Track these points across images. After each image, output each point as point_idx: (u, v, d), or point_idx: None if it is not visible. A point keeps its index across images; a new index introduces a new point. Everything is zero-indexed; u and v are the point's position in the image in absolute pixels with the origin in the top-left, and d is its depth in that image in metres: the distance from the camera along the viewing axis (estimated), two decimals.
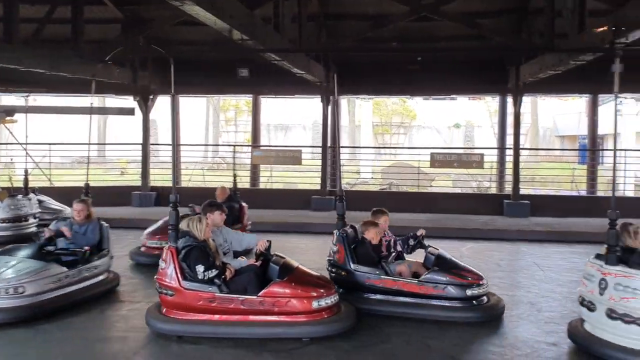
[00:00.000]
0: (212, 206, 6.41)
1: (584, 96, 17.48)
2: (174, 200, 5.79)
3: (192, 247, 5.47)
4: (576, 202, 14.27)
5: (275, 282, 5.46)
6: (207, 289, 5.41)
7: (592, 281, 5.13)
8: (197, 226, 5.60)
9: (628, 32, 7.66)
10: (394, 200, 14.70)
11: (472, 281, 6.01)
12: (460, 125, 36.54)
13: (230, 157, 17.20)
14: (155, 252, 7.69)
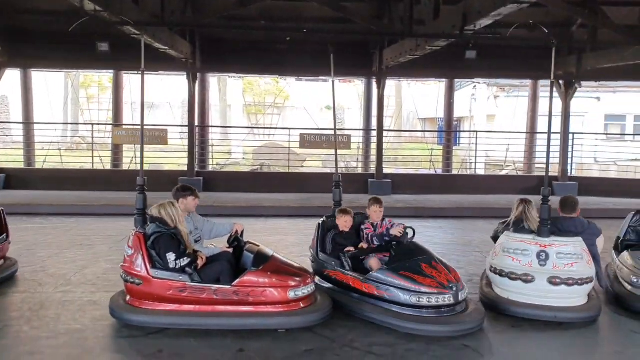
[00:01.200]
0: (186, 191, 5.78)
1: (442, 80, 18.61)
2: (141, 183, 5.48)
3: (162, 234, 5.09)
4: (433, 180, 15.26)
5: (251, 271, 5.17)
6: (177, 278, 5.05)
7: (527, 255, 5.48)
8: (170, 212, 5.20)
9: (475, 20, 8.21)
10: (266, 181, 14.77)
11: (423, 288, 5.12)
12: (331, 107, 37.36)
13: (92, 136, 16.19)
14: None
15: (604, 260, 6.64)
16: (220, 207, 11.75)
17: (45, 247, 8.38)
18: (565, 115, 14.65)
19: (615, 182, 15.88)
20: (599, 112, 24.24)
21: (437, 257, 5.52)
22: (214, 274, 5.20)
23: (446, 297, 5.11)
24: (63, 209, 11.43)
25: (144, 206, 5.48)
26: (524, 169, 17.29)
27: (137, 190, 5.54)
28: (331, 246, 6.08)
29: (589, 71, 13.60)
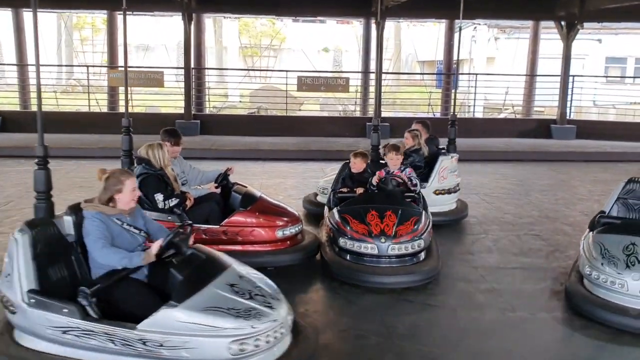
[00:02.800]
0: (168, 135, 5.68)
1: (441, 22, 18.25)
2: (126, 124, 5.54)
3: (149, 175, 5.07)
4: (432, 123, 15.17)
5: (239, 212, 5.27)
6: (166, 219, 5.05)
7: None
8: (156, 153, 5.15)
9: None
10: (263, 124, 14.70)
11: (348, 233, 5.24)
12: (329, 50, 36.74)
13: (87, 79, 15.97)
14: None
15: None
16: (218, 150, 11.77)
17: None
18: (566, 58, 14.46)
19: (613, 125, 15.84)
20: (599, 54, 23.91)
21: (406, 210, 5.37)
22: (203, 214, 5.25)
23: (369, 246, 5.07)
24: (61, 151, 11.38)
25: (130, 147, 5.50)
26: (522, 112, 17.21)
27: (123, 131, 5.54)
28: (340, 186, 6.19)
29: (592, 12, 13.32)
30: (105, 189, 3.79)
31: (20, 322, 3.54)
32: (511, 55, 21.32)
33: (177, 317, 3.25)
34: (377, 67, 14.04)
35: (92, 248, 3.61)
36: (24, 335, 3.57)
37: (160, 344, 3.24)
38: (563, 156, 12.51)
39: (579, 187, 9.73)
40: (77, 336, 3.37)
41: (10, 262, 3.55)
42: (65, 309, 3.36)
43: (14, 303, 3.51)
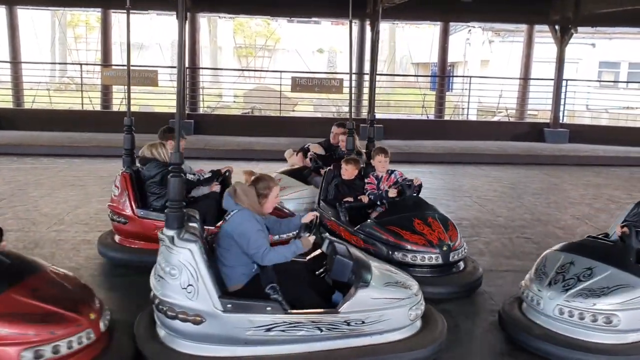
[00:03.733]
0: (172, 132, 5.69)
1: (436, 24, 18.29)
2: (129, 124, 5.56)
3: (166, 171, 5.01)
4: (425, 126, 15.24)
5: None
6: (162, 218, 4.92)
7: None
8: (162, 152, 5.32)
9: None
10: (257, 124, 14.68)
11: (409, 246, 4.89)
12: (323, 51, 36.75)
13: (80, 77, 15.90)
14: None
15: None
16: (211, 150, 11.75)
17: (37, 187, 8.39)
18: (560, 61, 14.53)
19: (606, 129, 15.92)
20: (593, 58, 24.02)
21: (438, 214, 5.22)
22: (201, 214, 5.13)
23: (433, 257, 4.85)
24: (54, 149, 11.38)
25: (132, 146, 5.52)
26: (516, 115, 17.27)
27: (125, 130, 5.57)
28: (333, 195, 5.87)
29: (586, 16, 13.39)
30: (255, 190, 3.82)
31: (213, 331, 3.44)
32: (505, 59, 21.39)
33: (372, 295, 3.60)
34: (371, 69, 14.17)
35: (250, 247, 3.60)
36: (204, 346, 3.47)
37: (362, 321, 3.56)
38: (556, 160, 12.57)
39: (571, 190, 9.77)
40: (282, 331, 3.45)
41: (186, 273, 3.43)
42: (268, 307, 3.43)
43: (202, 312, 3.42)
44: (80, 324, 3.24)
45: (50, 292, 3.35)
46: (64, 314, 3.22)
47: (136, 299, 4.64)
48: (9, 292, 3.19)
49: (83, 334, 3.24)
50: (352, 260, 3.69)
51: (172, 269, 3.46)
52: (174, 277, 3.45)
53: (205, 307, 3.41)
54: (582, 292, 3.79)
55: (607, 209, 8.37)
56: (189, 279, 3.42)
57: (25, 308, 3.16)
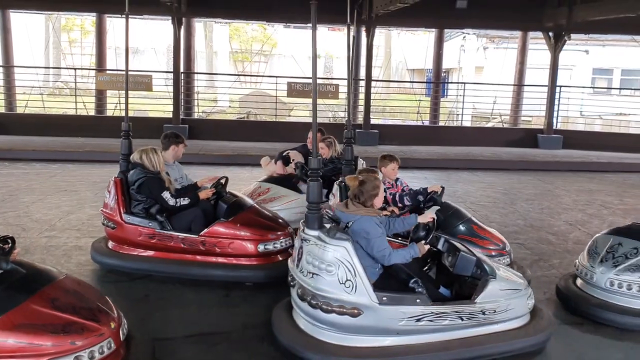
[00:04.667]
0: (178, 137, 5.67)
1: (431, 31, 18.36)
2: (126, 129, 5.50)
3: (149, 178, 5.07)
4: (420, 132, 15.27)
5: (220, 222, 5.11)
6: (147, 225, 5.08)
7: None
8: (151, 158, 5.16)
9: None
10: (252, 130, 14.69)
11: (489, 251, 4.99)
12: (320, 56, 36.82)
13: (74, 81, 15.87)
14: None
15: None
16: (206, 155, 11.72)
17: (28, 193, 8.35)
18: (554, 68, 14.60)
19: (599, 135, 16.00)
20: (586, 65, 24.16)
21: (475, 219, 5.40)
22: (186, 221, 5.17)
23: (506, 258, 5.14)
24: (46, 154, 11.33)
25: (129, 151, 5.48)
26: (509, 121, 17.32)
27: (122, 135, 5.54)
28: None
29: (579, 23, 13.46)
30: (364, 193, 3.95)
31: (368, 323, 3.65)
32: (499, 65, 21.48)
33: (499, 286, 3.94)
34: (366, 75, 14.24)
35: (375, 251, 3.81)
36: (355, 337, 3.69)
37: (494, 310, 3.90)
38: (549, 166, 12.60)
39: (564, 196, 9.79)
40: (430, 320, 3.72)
41: (342, 269, 3.62)
42: (417, 299, 3.70)
43: (360, 305, 3.61)
44: (102, 333, 3.19)
45: (69, 301, 3.28)
46: (85, 324, 3.16)
47: (128, 304, 4.63)
48: (27, 303, 3.11)
49: (104, 343, 3.18)
50: (474, 256, 4.00)
51: (329, 265, 3.64)
52: (330, 273, 3.64)
53: (363, 300, 3.61)
54: (629, 267, 4.50)
55: (600, 214, 8.39)
56: (347, 274, 3.61)
57: (45, 318, 3.09)
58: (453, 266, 3.98)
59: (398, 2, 11.13)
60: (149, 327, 4.25)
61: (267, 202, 6.36)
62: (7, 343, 2.94)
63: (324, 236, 3.72)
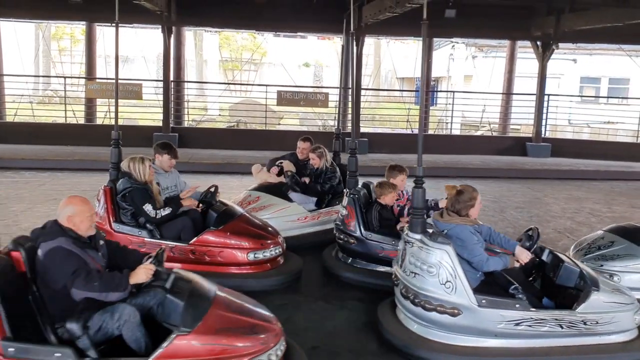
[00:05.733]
0: (164, 148, 5.57)
1: (420, 39, 18.46)
2: (116, 137, 5.51)
3: (133, 188, 5.05)
4: (409, 140, 15.32)
5: (209, 230, 5.12)
6: (137, 233, 5.08)
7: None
8: (139, 168, 5.10)
9: None
10: (242, 138, 14.69)
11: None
12: (309, 65, 36.94)
13: (64, 90, 15.81)
14: None
15: None
16: (195, 164, 11.70)
17: (17, 202, 8.29)
18: (542, 77, 14.74)
19: (587, 144, 16.14)
20: (574, 74, 24.40)
21: None
22: (175, 230, 5.15)
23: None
24: (35, 163, 11.27)
25: (119, 160, 5.48)
26: (498, 129, 17.45)
27: (112, 144, 5.53)
28: (378, 223, 5.42)
29: (567, 32, 13.62)
30: (460, 202, 4.13)
31: (467, 323, 3.88)
32: (488, 74, 21.64)
33: (604, 298, 4.02)
34: (356, 83, 14.24)
35: (472, 257, 4.01)
36: (456, 336, 3.92)
37: (596, 321, 3.99)
38: (538, 174, 12.70)
39: (553, 204, 9.87)
40: (529, 326, 3.88)
41: (444, 270, 3.87)
42: (517, 304, 3.86)
43: (459, 306, 3.85)
44: (277, 332, 3.41)
45: (237, 305, 3.50)
46: (264, 325, 3.39)
47: None
48: (212, 309, 3.30)
49: (281, 341, 3.41)
50: (577, 267, 4.13)
51: (430, 267, 3.91)
52: (432, 274, 3.90)
53: (462, 301, 3.84)
54: (597, 256, 5.04)
55: (588, 222, 8.46)
56: (447, 276, 3.86)
57: (234, 322, 3.30)
58: (556, 276, 4.12)
59: (387, 11, 11.20)
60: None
61: (257, 211, 6.34)
62: (212, 346, 3.12)
63: (426, 239, 4.00)
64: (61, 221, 3.42)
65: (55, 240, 3.29)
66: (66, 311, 3.19)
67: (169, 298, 3.33)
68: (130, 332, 3.19)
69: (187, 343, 3.09)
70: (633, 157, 14.37)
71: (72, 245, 3.31)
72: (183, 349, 3.07)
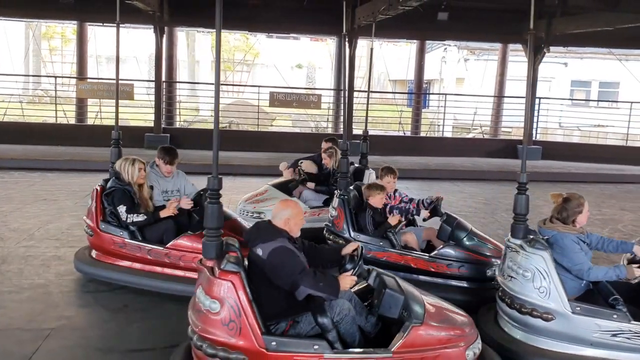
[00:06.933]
0: (162, 153, 5.49)
1: (413, 42, 18.54)
2: (116, 137, 5.53)
3: (115, 189, 5.06)
4: (402, 142, 15.37)
5: (185, 235, 5.00)
6: (118, 234, 5.05)
7: None
8: (128, 169, 5.08)
9: None
10: (234, 139, 14.62)
11: (492, 259, 5.08)
12: (302, 66, 36.94)
13: (54, 89, 15.70)
14: None
15: None
16: (187, 165, 11.61)
17: (6, 202, 8.22)
18: (533, 80, 14.81)
19: (577, 146, 16.24)
20: (565, 77, 24.56)
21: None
22: (158, 232, 5.09)
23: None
24: (25, 163, 11.18)
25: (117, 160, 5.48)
26: (490, 132, 17.52)
27: (112, 144, 5.56)
28: (373, 227, 5.38)
29: (558, 36, 13.71)
30: (567, 210, 4.15)
31: (560, 329, 3.89)
32: (480, 76, 21.74)
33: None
34: (348, 85, 14.26)
35: (572, 265, 4.01)
36: (552, 341, 3.93)
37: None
38: (528, 176, 12.56)
39: (543, 206, 9.89)
40: (628, 338, 3.79)
41: (538, 276, 3.93)
42: (614, 314, 3.80)
43: (552, 311, 3.88)
44: (474, 329, 3.66)
45: (439, 302, 3.78)
46: (467, 319, 3.69)
47: (108, 314, 4.59)
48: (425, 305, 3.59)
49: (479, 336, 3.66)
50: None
51: (526, 271, 3.99)
52: (526, 278, 3.98)
53: (555, 307, 3.87)
54: None
55: None
56: (541, 281, 3.92)
57: (447, 315, 3.63)
58: None
59: (380, 14, 11.23)
60: (129, 337, 4.21)
61: (259, 202, 6.63)
62: (440, 336, 3.42)
63: (525, 245, 4.08)
64: (277, 223, 3.57)
65: (276, 240, 3.44)
66: (277, 309, 3.38)
67: (389, 292, 3.55)
68: (347, 326, 3.39)
69: (421, 333, 3.37)
70: (623, 160, 14.47)
71: (291, 245, 3.50)
72: (418, 338, 3.35)
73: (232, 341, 3.19)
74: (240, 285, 3.23)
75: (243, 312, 3.18)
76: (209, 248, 3.44)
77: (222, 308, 3.22)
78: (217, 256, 3.43)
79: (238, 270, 3.30)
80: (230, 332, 3.19)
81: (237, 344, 3.18)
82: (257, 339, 3.16)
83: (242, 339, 3.18)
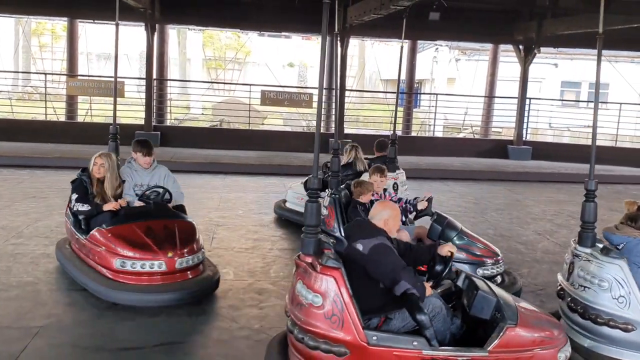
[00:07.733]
0: (137, 145, 5.46)
1: (404, 42, 18.54)
2: (114, 132, 5.72)
3: (76, 179, 5.30)
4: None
5: (98, 228, 4.89)
6: (71, 224, 5.29)
7: None
8: (93, 159, 5.31)
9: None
10: (225, 137, 14.61)
11: (483, 259, 5.18)
12: (294, 65, 36.90)
13: (44, 86, 15.59)
14: None
15: None
16: (178, 162, 11.61)
17: None
18: (524, 81, 14.90)
19: (567, 147, 16.34)
20: (555, 78, 24.69)
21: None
22: (97, 224, 5.00)
23: (501, 266, 5.27)
24: (15, 160, 11.10)
25: (116, 154, 5.58)
26: (480, 132, 17.60)
27: (110, 138, 5.81)
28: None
29: (549, 37, 13.79)
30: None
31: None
32: (471, 77, 21.81)
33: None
34: (340, 84, 14.26)
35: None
36: (629, 352, 3.85)
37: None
38: (519, 176, 12.82)
39: (533, 206, 9.97)
40: None
41: (616, 285, 3.85)
42: None
43: (632, 321, 3.81)
44: (564, 333, 3.62)
45: (526, 305, 3.76)
46: (556, 322, 3.70)
47: (96, 313, 4.57)
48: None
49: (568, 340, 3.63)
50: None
51: (602, 280, 3.92)
52: (603, 288, 3.91)
53: (636, 317, 3.79)
54: None
55: (568, 224, 8.57)
56: (620, 290, 3.85)
57: (538, 317, 3.61)
58: None
59: (372, 13, 11.25)
60: (118, 336, 4.19)
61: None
62: (534, 337, 3.40)
63: (597, 254, 4.02)
64: (376, 222, 3.66)
65: (377, 237, 3.52)
66: (373, 304, 3.43)
67: (481, 294, 3.54)
68: (439, 324, 3.42)
69: (516, 334, 3.36)
70: (612, 160, 14.56)
71: (390, 244, 3.58)
72: (513, 339, 3.34)
73: (334, 334, 3.24)
74: (342, 280, 3.29)
75: (345, 307, 3.25)
76: (308, 244, 3.52)
77: (324, 302, 3.27)
78: (315, 252, 3.49)
79: (339, 266, 3.34)
80: (332, 325, 3.25)
81: (339, 337, 3.24)
82: (358, 333, 3.23)
83: (344, 332, 3.24)
